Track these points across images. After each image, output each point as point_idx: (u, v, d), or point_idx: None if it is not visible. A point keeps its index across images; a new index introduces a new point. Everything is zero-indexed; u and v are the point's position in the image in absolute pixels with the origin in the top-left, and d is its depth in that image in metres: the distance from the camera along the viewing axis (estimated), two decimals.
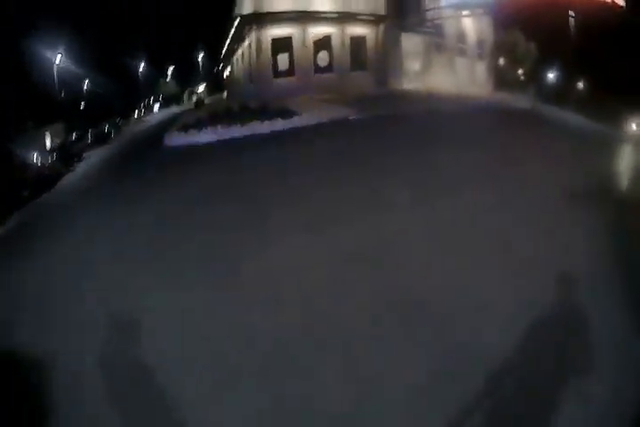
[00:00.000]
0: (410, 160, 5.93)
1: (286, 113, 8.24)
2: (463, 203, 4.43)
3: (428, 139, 6.95)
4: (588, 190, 5.05)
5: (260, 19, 11.18)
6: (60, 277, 3.90)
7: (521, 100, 13.25)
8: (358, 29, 12.19)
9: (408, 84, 11.28)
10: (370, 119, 8.50)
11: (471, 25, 13.78)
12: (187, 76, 19.03)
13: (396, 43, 12.27)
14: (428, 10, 12.41)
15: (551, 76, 20.31)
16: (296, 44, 11.56)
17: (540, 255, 3.47)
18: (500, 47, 15.66)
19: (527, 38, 19.41)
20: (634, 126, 13.61)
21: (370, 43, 12.45)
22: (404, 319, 2.86)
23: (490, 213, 4.21)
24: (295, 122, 8.10)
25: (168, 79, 18.54)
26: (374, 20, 12.17)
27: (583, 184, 5.20)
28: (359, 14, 11.93)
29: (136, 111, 17.01)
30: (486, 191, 4.72)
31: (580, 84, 18.36)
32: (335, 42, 11.92)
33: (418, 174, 5.36)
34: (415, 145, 6.71)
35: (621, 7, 17.41)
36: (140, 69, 17.95)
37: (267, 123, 8.08)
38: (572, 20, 17.40)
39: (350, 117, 8.47)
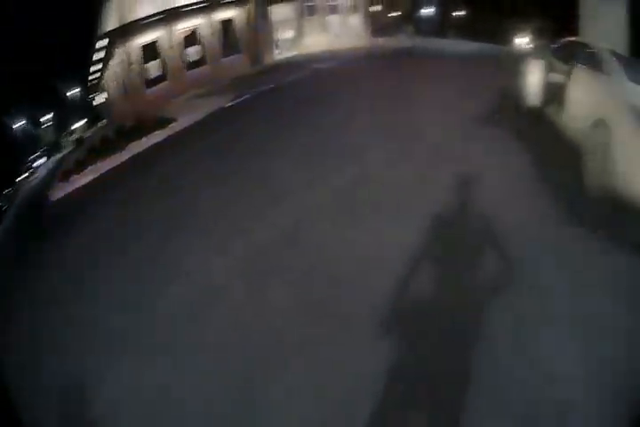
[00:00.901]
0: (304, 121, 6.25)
1: (162, 122, 7.52)
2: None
3: (312, 102, 6.85)
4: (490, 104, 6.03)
5: (127, 30, 10.46)
6: None
7: (402, 40, 13.39)
8: (227, 13, 11.46)
9: (284, 55, 10.69)
10: (248, 100, 8.14)
11: None
12: (63, 118, 17.48)
13: (265, 16, 11.62)
14: None
15: (429, 9, 20.16)
16: (164, 45, 10.65)
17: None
18: None
19: None
20: (518, 43, 14.15)
21: (240, 24, 11.87)
22: None
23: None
24: (175, 128, 7.43)
25: (44, 128, 16.94)
26: None
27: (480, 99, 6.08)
28: None
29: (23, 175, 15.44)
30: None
31: (460, 11, 18.33)
32: (204, 32, 11.51)
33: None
34: (301, 110, 6.63)
35: None
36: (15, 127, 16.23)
37: (144, 139, 7.34)
38: None
39: (227, 105, 7.96)
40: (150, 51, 10.73)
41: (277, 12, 11.35)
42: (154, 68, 10.93)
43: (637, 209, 3.35)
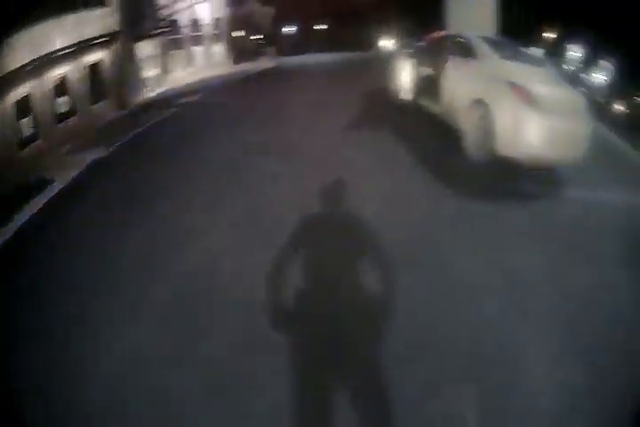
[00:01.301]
0: None
1: (39, 185, 7.24)
2: None
3: (182, 138, 7.01)
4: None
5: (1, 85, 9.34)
6: None
7: (266, 62, 14.02)
8: (94, 56, 11.10)
9: (152, 93, 10.68)
10: (121, 147, 8.62)
11: (204, 8, 13.66)
12: None
13: (131, 55, 11.42)
14: (161, 8, 11.56)
15: (290, 28, 21.28)
16: (36, 99, 9.94)
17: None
18: (235, 20, 15.67)
19: (263, 3, 19.86)
20: (383, 45, 15.70)
21: (107, 66, 11.35)
22: None
23: None
24: (54, 188, 7.20)
25: None
26: (109, 39, 11.14)
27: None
28: (93, 39, 10.82)
29: None
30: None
31: (321, 25, 19.67)
32: (72, 79, 10.80)
33: None
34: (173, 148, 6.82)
35: None
36: None
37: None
38: None
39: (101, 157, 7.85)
40: (22, 106, 9.73)
41: (144, 49, 11.37)
42: (26, 124, 10.02)
43: (515, 163, 4.22)
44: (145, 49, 11.20)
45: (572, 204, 4.38)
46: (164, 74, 11.40)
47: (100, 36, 10.87)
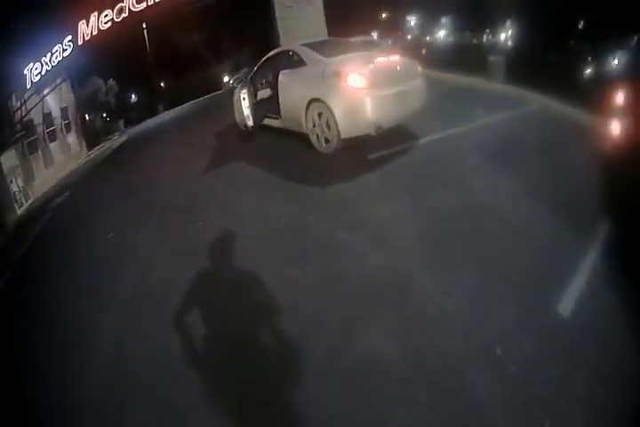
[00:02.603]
0: None
1: None
2: None
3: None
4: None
5: None
6: None
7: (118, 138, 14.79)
8: None
9: (24, 207, 10.45)
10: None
11: (53, 101, 13.08)
12: None
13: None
14: (16, 110, 10.89)
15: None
16: None
17: None
18: (81, 103, 15.40)
19: (106, 77, 19.51)
20: (226, 80, 17.00)
21: None
22: None
23: None
24: None
25: None
26: None
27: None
28: None
29: None
30: None
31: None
32: None
33: None
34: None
35: None
36: None
37: None
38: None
39: None
40: None
41: (6, 160, 10.37)
42: None
43: (356, 138, 4.59)
44: (7, 160, 10.32)
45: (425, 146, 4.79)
46: (30, 182, 10.85)
47: None
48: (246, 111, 5.81)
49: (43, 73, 11.41)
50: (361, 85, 4.44)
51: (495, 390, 2.12)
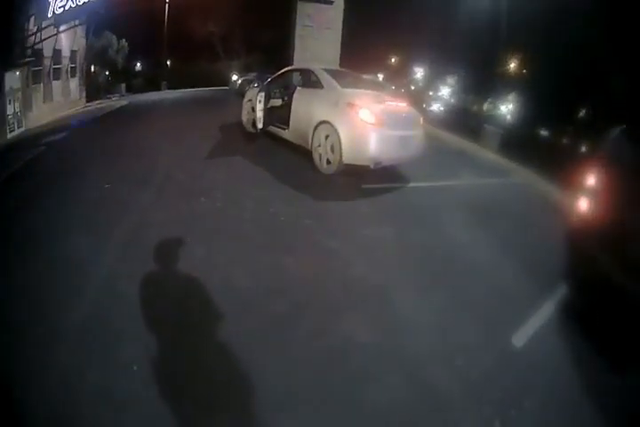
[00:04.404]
0: None
1: None
2: None
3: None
4: None
5: None
6: None
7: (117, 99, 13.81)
8: None
9: (15, 132, 9.74)
10: None
11: (66, 40, 12.66)
12: None
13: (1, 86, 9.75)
14: (31, 34, 10.31)
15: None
16: None
17: None
18: (91, 53, 14.95)
19: (119, 36, 18.94)
20: (235, 78, 17.09)
21: None
22: None
23: None
24: None
25: None
26: None
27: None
28: None
29: None
30: None
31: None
32: None
33: None
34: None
35: None
36: None
37: None
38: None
39: None
40: None
41: (9, 80, 9.66)
42: None
43: (354, 167, 4.86)
44: (10, 80, 9.55)
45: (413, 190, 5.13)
46: (27, 111, 10.17)
47: None
48: (259, 114, 6.08)
49: (66, 8, 10.95)
50: (370, 121, 4.74)
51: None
